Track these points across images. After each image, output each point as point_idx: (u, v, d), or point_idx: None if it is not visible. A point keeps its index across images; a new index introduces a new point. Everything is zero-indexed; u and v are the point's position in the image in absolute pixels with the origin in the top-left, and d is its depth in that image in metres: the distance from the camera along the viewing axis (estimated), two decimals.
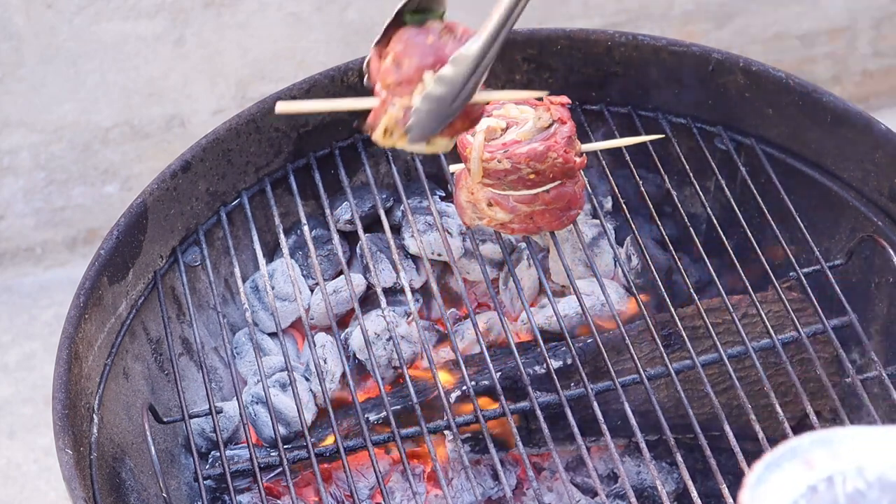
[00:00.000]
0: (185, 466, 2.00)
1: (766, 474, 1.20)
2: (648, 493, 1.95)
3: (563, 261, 1.92)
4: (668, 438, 1.73)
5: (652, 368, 1.86)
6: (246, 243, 2.16)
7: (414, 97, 1.59)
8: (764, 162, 2.10)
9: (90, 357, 1.87)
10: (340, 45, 2.84)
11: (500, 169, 1.85)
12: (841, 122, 2.05)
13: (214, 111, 2.88)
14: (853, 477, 1.20)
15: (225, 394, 2.10)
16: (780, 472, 1.20)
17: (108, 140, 2.87)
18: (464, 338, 2.04)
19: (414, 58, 1.60)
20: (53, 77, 2.76)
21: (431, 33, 1.62)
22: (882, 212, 2.03)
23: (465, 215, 1.96)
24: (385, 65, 1.62)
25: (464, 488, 1.92)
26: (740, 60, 2.12)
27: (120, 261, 1.96)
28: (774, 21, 3.02)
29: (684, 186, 2.21)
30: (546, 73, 2.21)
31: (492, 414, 1.82)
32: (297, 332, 2.14)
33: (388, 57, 1.62)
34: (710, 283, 2.10)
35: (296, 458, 1.84)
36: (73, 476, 1.69)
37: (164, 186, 2.04)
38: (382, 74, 1.63)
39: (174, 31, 2.76)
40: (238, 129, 2.12)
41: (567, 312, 1.99)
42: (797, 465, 1.20)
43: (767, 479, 1.20)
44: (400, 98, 1.61)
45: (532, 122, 1.87)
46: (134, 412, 1.93)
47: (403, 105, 1.61)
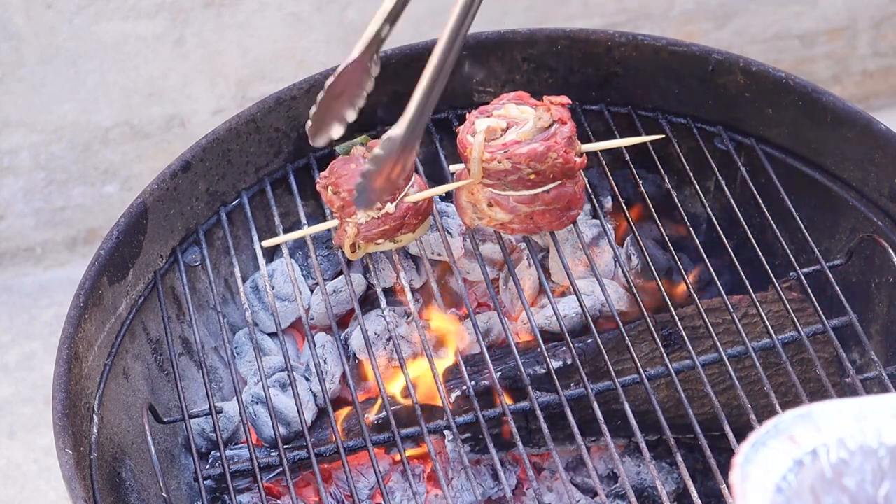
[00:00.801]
0: (185, 466, 2.00)
1: (752, 453, 1.23)
2: (648, 493, 1.95)
3: (563, 261, 1.92)
4: (668, 438, 1.73)
5: (652, 368, 1.86)
6: (246, 243, 2.16)
7: (358, 213, 1.89)
8: (764, 162, 2.10)
9: (90, 357, 1.87)
10: (340, 45, 2.84)
11: (500, 169, 1.85)
12: (841, 122, 2.05)
13: (214, 111, 2.88)
14: (836, 448, 1.25)
15: (225, 394, 2.10)
16: (767, 450, 1.24)
17: (108, 140, 2.87)
18: (464, 338, 2.04)
19: (345, 185, 1.89)
20: (53, 77, 2.76)
21: (354, 160, 1.92)
22: (882, 212, 2.03)
23: (466, 215, 1.96)
24: (329, 196, 1.93)
25: (464, 488, 1.92)
26: (740, 60, 2.12)
27: (120, 261, 1.96)
28: (774, 21, 3.02)
29: (684, 186, 2.21)
30: (546, 73, 2.21)
31: (492, 414, 1.82)
32: (297, 332, 2.14)
33: (328, 189, 1.92)
34: (710, 282, 2.10)
35: (296, 458, 1.84)
36: (73, 476, 1.69)
37: (164, 186, 2.04)
38: (329, 203, 1.94)
39: (174, 31, 2.76)
40: (238, 129, 2.12)
41: (567, 312, 1.99)
42: (782, 442, 1.25)
43: (754, 457, 1.23)
44: (349, 218, 1.91)
45: (532, 122, 1.87)
46: (134, 412, 1.93)
47: (354, 223, 1.90)
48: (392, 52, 2.18)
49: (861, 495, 1.25)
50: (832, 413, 1.26)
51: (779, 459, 1.24)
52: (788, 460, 1.24)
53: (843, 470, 1.25)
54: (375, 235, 1.91)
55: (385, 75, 2.17)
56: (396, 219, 1.91)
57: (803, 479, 1.23)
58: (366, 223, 1.90)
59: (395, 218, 1.91)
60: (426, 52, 2.18)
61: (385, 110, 2.21)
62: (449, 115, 2.22)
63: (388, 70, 2.17)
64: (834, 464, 1.25)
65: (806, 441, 1.25)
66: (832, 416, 1.26)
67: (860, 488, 1.25)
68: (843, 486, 1.24)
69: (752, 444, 1.24)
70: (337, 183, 1.92)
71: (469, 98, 2.23)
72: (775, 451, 1.24)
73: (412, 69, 2.18)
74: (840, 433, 1.25)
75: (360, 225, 1.90)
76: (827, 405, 1.27)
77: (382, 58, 2.17)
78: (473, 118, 1.91)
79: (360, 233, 1.91)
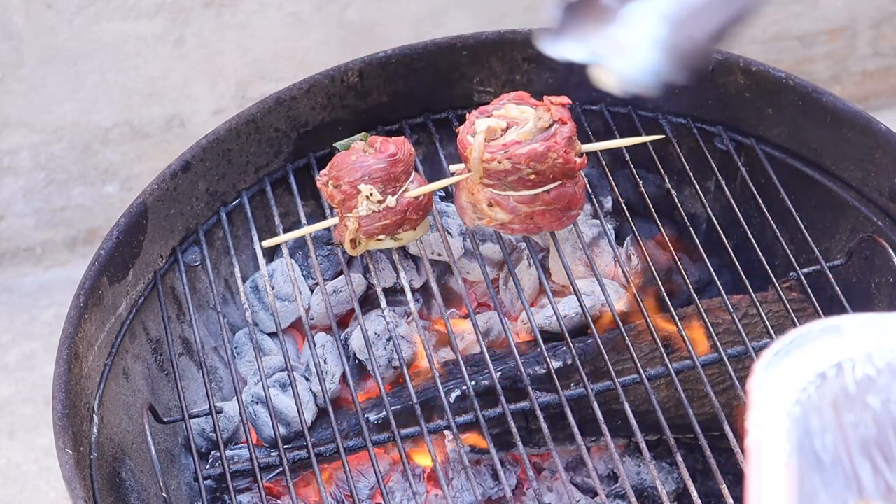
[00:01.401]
0: (185, 466, 2.00)
1: (775, 361, 1.19)
2: (648, 493, 1.95)
3: (563, 261, 1.92)
4: (668, 438, 1.73)
5: (652, 368, 1.86)
6: (246, 243, 2.16)
7: (359, 206, 1.88)
8: (764, 162, 2.10)
9: (90, 357, 1.87)
10: (340, 45, 2.84)
11: (500, 169, 1.85)
12: (841, 122, 2.05)
13: (214, 111, 2.88)
14: (862, 363, 1.19)
15: (225, 394, 2.10)
16: (790, 359, 1.19)
17: (108, 140, 2.87)
18: (464, 338, 2.04)
19: (346, 177, 1.90)
20: (53, 77, 2.76)
21: (355, 153, 1.93)
22: (882, 212, 2.03)
23: (466, 215, 1.96)
24: (330, 190, 1.92)
25: (464, 488, 1.92)
26: (740, 60, 2.12)
27: (120, 261, 1.96)
28: (774, 21, 3.02)
29: (684, 186, 2.21)
30: (546, 73, 2.21)
31: (492, 414, 1.82)
32: (297, 332, 2.14)
33: (329, 183, 1.92)
34: (710, 282, 2.10)
35: (296, 458, 1.84)
36: (73, 476, 1.69)
37: (164, 186, 2.04)
38: (330, 198, 1.94)
39: (174, 31, 2.76)
40: (238, 129, 2.12)
41: (567, 312, 1.99)
42: (807, 353, 1.19)
43: (776, 365, 1.18)
44: (350, 213, 1.90)
45: (532, 122, 1.87)
46: (134, 412, 1.93)
47: (355, 216, 1.90)
48: (392, 52, 2.18)
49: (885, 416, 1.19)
50: (862, 327, 1.20)
51: (801, 370, 1.18)
52: (811, 372, 1.18)
53: (869, 387, 1.19)
54: (376, 230, 1.91)
55: (385, 75, 2.18)
56: (397, 213, 1.91)
57: (825, 392, 1.18)
58: (367, 217, 1.90)
59: (395, 212, 1.91)
60: (426, 51, 2.19)
61: (385, 110, 2.21)
62: (449, 115, 2.23)
63: (388, 70, 2.18)
64: (859, 380, 1.19)
65: (831, 354, 1.19)
66: (862, 331, 1.20)
67: (884, 408, 1.19)
68: (867, 403, 1.19)
69: (776, 353, 1.19)
70: (338, 177, 1.91)
71: (469, 98, 2.23)
72: (798, 361, 1.18)
73: (412, 69, 2.19)
74: (868, 349, 1.19)
75: (360, 219, 1.90)
76: (858, 318, 1.21)
77: (382, 58, 2.18)
78: (473, 118, 1.91)
79: (361, 227, 1.91)
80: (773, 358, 1.19)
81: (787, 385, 1.18)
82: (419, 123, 2.22)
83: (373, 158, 1.91)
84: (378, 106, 2.20)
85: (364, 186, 1.89)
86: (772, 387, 1.17)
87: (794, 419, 1.16)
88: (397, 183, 1.91)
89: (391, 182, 1.91)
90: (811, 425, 1.18)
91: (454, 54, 2.20)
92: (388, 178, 1.90)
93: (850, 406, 1.19)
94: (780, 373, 1.18)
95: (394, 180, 1.91)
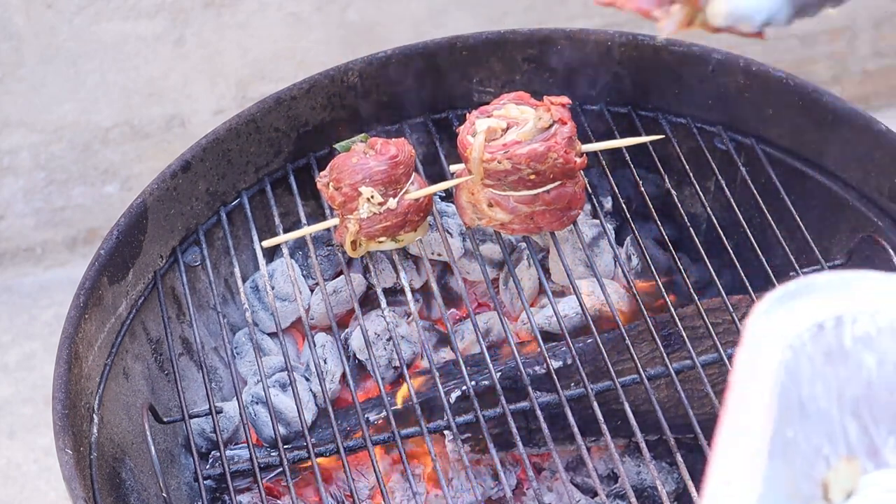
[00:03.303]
0: (185, 466, 2.00)
1: (776, 305, 1.17)
2: (648, 493, 1.95)
3: (563, 261, 1.92)
4: (668, 438, 1.73)
5: (652, 368, 1.86)
6: (246, 243, 2.16)
7: (360, 208, 1.88)
8: (764, 162, 2.10)
9: (90, 357, 1.87)
10: (340, 45, 2.84)
11: (500, 169, 1.85)
12: (841, 122, 2.05)
13: (214, 111, 2.88)
14: (864, 320, 1.17)
15: (225, 394, 2.10)
16: (791, 305, 1.17)
17: (108, 140, 2.87)
18: (464, 338, 2.04)
19: (346, 179, 1.89)
20: (53, 77, 2.76)
21: (356, 155, 1.92)
22: (882, 212, 2.03)
23: (466, 216, 1.96)
24: (330, 192, 1.92)
25: (464, 488, 1.92)
26: (740, 60, 2.12)
27: (120, 261, 1.96)
28: None
29: (684, 186, 2.21)
30: (546, 73, 2.21)
31: (492, 414, 1.82)
32: (297, 332, 2.14)
33: (329, 185, 1.92)
34: (710, 282, 2.10)
35: (296, 458, 1.84)
36: (73, 476, 1.69)
37: (164, 186, 2.04)
38: (330, 200, 1.93)
39: (174, 31, 2.76)
40: (238, 129, 2.12)
41: (567, 312, 1.99)
42: (810, 301, 1.17)
43: (777, 310, 1.17)
44: (350, 215, 1.90)
45: (532, 122, 1.87)
46: (134, 412, 1.93)
47: (356, 219, 1.90)
48: (392, 51, 2.18)
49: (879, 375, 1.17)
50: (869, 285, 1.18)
51: (799, 318, 1.16)
52: (809, 321, 1.16)
53: (866, 344, 1.17)
54: (377, 232, 1.91)
55: (385, 75, 2.18)
56: (398, 215, 1.91)
57: (820, 342, 1.16)
58: (367, 219, 1.90)
59: (396, 214, 1.90)
60: (426, 51, 2.19)
61: (385, 110, 2.21)
62: (449, 115, 2.23)
63: (388, 70, 2.18)
64: (858, 336, 1.17)
65: (833, 307, 1.17)
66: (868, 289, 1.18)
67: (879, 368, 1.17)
68: (862, 360, 1.17)
69: (778, 298, 1.17)
70: (338, 179, 1.91)
71: (469, 98, 2.23)
72: (798, 309, 1.16)
73: (412, 69, 2.19)
74: (872, 307, 1.17)
75: (361, 221, 1.90)
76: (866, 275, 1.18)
77: (382, 58, 2.18)
78: (473, 118, 1.91)
79: (362, 229, 1.91)
80: (773, 303, 1.17)
81: (782, 330, 1.16)
82: (419, 123, 2.22)
83: (373, 160, 1.90)
84: (378, 106, 2.20)
85: (365, 189, 1.89)
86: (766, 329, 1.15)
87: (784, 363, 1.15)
88: (398, 185, 1.91)
89: (392, 184, 1.91)
90: (801, 372, 1.16)
91: (454, 54, 2.20)
92: (389, 181, 1.90)
93: (844, 360, 1.17)
94: (780, 317, 1.16)
95: (394, 182, 1.91)
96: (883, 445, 1.18)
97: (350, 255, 1.95)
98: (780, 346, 1.15)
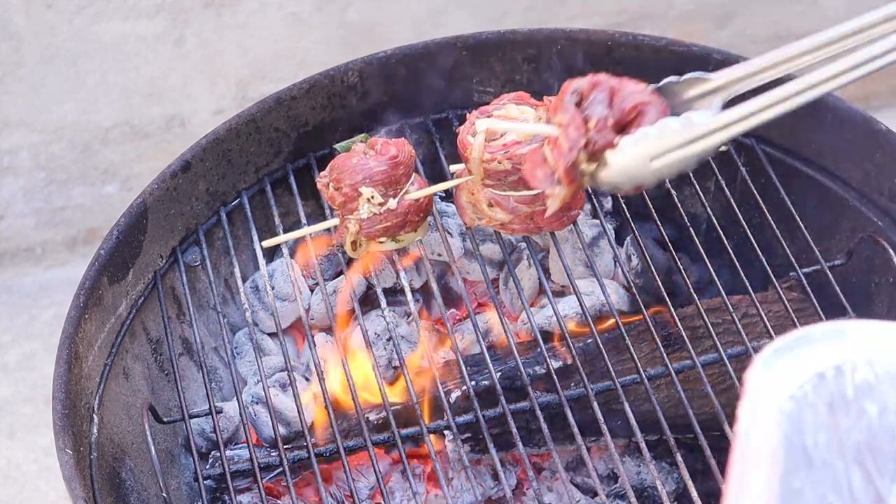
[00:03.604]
0: (185, 466, 2.00)
1: (774, 358, 1.18)
2: (648, 493, 1.95)
3: (563, 261, 1.92)
4: (668, 438, 1.73)
5: (652, 368, 1.86)
6: (246, 243, 2.16)
7: (360, 209, 1.88)
8: (764, 162, 2.10)
9: (90, 357, 1.87)
10: (340, 45, 2.84)
11: (500, 170, 1.85)
12: (841, 122, 2.05)
13: (214, 111, 2.88)
14: (863, 368, 1.18)
15: (225, 394, 2.10)
16: (790, 357, 1.18)
17: (108, 140, 2.87)
18: (464, 338, 2.04)
19: (347, 180, 1.89)
20: (53, 77, 2.76)
21: (356, 155, 1.92)
22: (882, 212, 2.03)
23: (466, 216, 1.96)
24: (330, 192, 1.92)
25: (464, 488, 1.92)
26: (740, 60, 2.12)
27: (120, 261, 1.96)
28: (774, 21, 3.02)
29: (684, 186, 2.21)
30: (546, 73, 2.21)
31: (492, 414, 1.82)
32: (298, 332, 2.14)
33: (329, 185, 1.92)
34: (710, 282, 2.10)
35: (296, 458, 1.84)
36: (73, 476, 1.69)
37: (164, 186, 2.04)
38: (330, 200, 1.93)
39: (174, 31, 2.76)
40: (238, 129, 2.12)
41: (567, 312, 1.98)
42: (807, 352, 1.18)
43: (775, 362, 1.18)
44: (351, 215, 1.90)
45: (533, 122, 1.87)
46: (134, 412, 1.93)
47: (356, 219, 1.90)
48: (392, 51, 2.18)
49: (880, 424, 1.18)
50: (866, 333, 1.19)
51: (799, 369, 1.17)
52: (809, 371, 1.17)
53: (867, 393, 1.18)
54: (377, 233, 1.91)
55: (385, 75, 2.18)
56: (398, 215, 1.91)
57: (821, 392, 1.17)
58: (368, 219, 1.90)
59: (396, 214, 1.90)
60: (426, 51, 2.19)
61: (385, 110, 2.21)
62: (449, 115, 2.23)
63: (388, 70, 2.18)
64: (858, 384, 1.18)
65: (832, 356, 1.18)
66: (865, 337, 1.19)
67: (881, 416, 1.18)
68: (863, 409, 1.18)
69: (776, 350, 1.18)
70: (338, 179, 1.91)
71: (469, 98, 2.23)
72: (798, 360, 1.17)
73: (412, 69, 2.19)
74: (870, 355, 1.18)
75: (361, 221, 1.90)
76: (862, 324, 1.20)
77: (382, 58, 2.18)
78: (473, 118, 1.91)
79: (362, 230, 1.91)
80: (772, 355, 1.18)
81: (783, 381, 1.17)
82: (419, 123, 2.22)
83: (374, 161, 1.90)
84: (378, 106, 2.20)
85: (365, 189, 1.89)
86: (768, 381, 1.17)
87: (787, 413, 1.16)
88: (398, 185, 1.91)
89: (392, 184, 1.91)
90: (804, 422, 1.17)
91: (454, 54, 2.20)
92: (389, 181, 1.90)
93: (846, 410, 1.18)
94: (778, 369, 1.18)
95: (395, 183, 1.91)
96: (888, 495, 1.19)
97: (350, 255, 1.94)
98: (782, 397, 1.16)
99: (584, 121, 1.59)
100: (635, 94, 1.60)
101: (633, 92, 1.60)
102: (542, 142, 1.85)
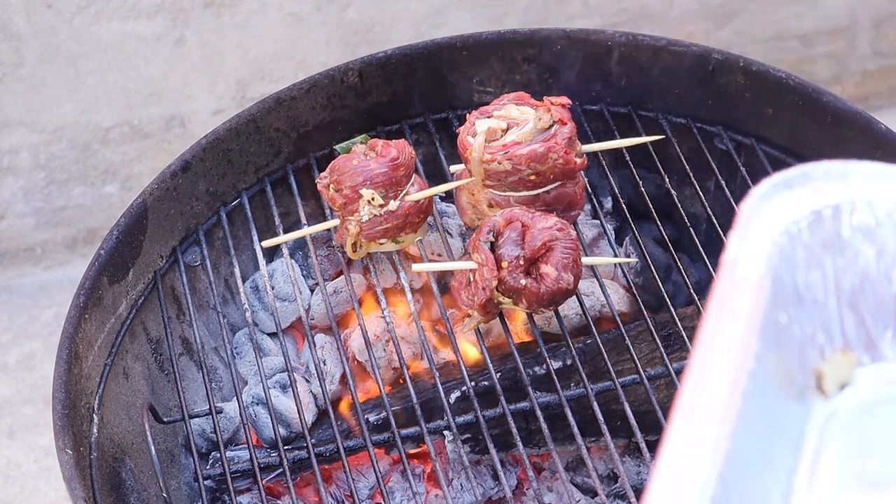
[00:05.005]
0: (186, 466, 2.00)
1: (771, 192, 1.14)
2: None
3: None
4: None
5: (652, 368, 1.86)
6: (246, 243, 2.16)
7: (360, 210, 1.88)
8: (764, 162, 2.10)
9: (90, 357, 1.87)
10: (340, 45, 2.84)
11: (500, 170, 1.85)
12: (841, 122, 2.05)
13: (214, 111, 2.88)
14: (862, 209, 1.14)
15: (225, 394, 2.10)
16: (788, 193, 1.14)
17: (108, 140, 2.87)
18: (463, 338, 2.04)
19: (347, 182, 1.89)
20: (53, 77, 2.76)
21: (357, 157, 1.92)
22: None
23: (466, 216, 1.96)
24: (331, 194, 1.92)
25: (464, 488, 1.92)
26: (740, 60, 2.12)
27: (120, 261, 1.96)
28: (774, 21, 3.02)
29: (684, 186, 2.21)
30: (546, 73, 2.21)
31: (492, 414, 1.82)
32: (298, 333, 2.14)
33: (330, 187, 1.92)
34: (710, 282, 2.10)
35: (296, 459, 1.84)
36: (73, 476, 1.69)
37: (164, 186, 2.05)
38: (331, 202, 1.93)
39: (174, 31, 2.76)
40: (238, 129, 2.12)
41: (567, 313, 1.98)
42: (806, 189, 1.14)
43: (772, 196, 1.14)
44: (351, 216, 1.90)
45: (532, 123, 1.87)
46: (134, 412, 1.93)
47: (356, 220, 1.90)
48: (392, 52, 2.18)
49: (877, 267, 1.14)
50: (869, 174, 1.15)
51: (797, 205, 1.13)
52: (806, 208, 1.13)
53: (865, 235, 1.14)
54: (377, 234, 1.91)
55: (385, 75, 2.18)
56: (399, 217, 1.91)
57: (817, 230, 1.13)
58: (368, 221, 1.90)
59: (397, 216, 1.90)
60: (426, 51, 2.19)
61: (385, 110, 2.21)
62: (449, 116, 2.23)
63: (388, 70, 2.18)
64: (856, 226, 1.14)
65: (831, 195, 1.14)
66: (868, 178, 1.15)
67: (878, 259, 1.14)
68: (860, 251, 1.14)
69: (774, 185, 1.14)
70: (339, 181, 1.91)
71: (469, 98, 2.23)
72: (795, 196, 1.13)
73: (412, 69, 2.19)
74: (871, 196, 1.14)
75: (362, 223, 1.90)
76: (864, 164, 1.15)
77: (382, 58, 2.18)
78: (473, 119, 1.91)
79: (363, 231, 1.91)
80: (769, 189, 1.14)
81: (778, 215, 1.13)
82: (419, 123, 2.23)
83: (374, 163, 1.90)
84: (378, 106, 2.20)
85: (366, 191, 1.89)
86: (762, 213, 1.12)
87: (779, 247, 1.11)
88: (398, 187, 1.91)
89: (392, 186, 1.90)
90: (796, 259, 1.13)
91: (454, 54, 2.20)
92: (390, 183, 1.90)
93: (842, 250, 1.14)
94: (774, 203, 1.13)
95: (395, 184, 1.91)
96: (880, 339, 1.15)
97: (351, 256, 1.95)
98: (775, 230, 1.11)
99: (497, 261, 1.74)
100: (544, 231, 1.74)
101: (542, 229, 1.74)
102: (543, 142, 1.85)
